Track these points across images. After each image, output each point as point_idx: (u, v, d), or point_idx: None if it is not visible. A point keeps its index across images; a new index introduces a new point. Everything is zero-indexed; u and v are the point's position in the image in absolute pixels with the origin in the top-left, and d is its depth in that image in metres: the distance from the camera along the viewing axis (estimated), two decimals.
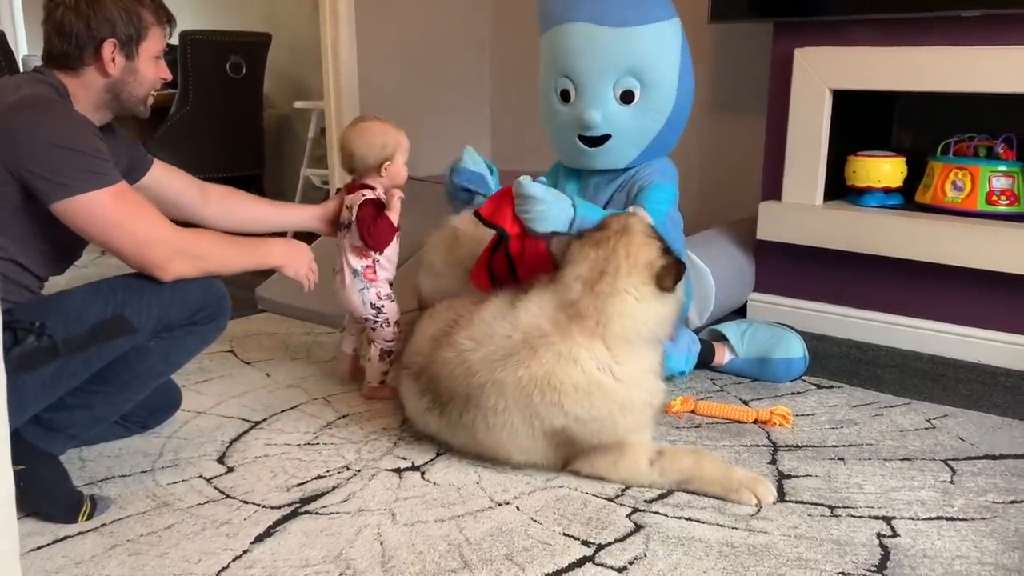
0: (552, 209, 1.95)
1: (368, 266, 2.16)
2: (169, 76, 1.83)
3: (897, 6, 2.44)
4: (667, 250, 1.75)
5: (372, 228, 2.10)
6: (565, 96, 2.27)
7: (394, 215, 2.13)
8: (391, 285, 2.23)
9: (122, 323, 1.62)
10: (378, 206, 2.13)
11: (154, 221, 1.66)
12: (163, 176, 2.00)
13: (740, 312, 2.88)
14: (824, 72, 2.59)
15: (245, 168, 4.56)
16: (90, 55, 1.68)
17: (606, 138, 2.24)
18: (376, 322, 2.18)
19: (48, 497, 1.64)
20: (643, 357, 1.73)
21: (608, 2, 2.17)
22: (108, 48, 1.68)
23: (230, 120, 4.40)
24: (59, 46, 1.67)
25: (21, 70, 4.52)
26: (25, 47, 5.45)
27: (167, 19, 1.79)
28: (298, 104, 4.09)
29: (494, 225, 2.02)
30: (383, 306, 2.18)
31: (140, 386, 1.74)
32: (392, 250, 2.19)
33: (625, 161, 2.27)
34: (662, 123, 2.24)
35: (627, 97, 2.20)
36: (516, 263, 2.03)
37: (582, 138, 2.25)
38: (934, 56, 2.40)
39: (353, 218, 2.13)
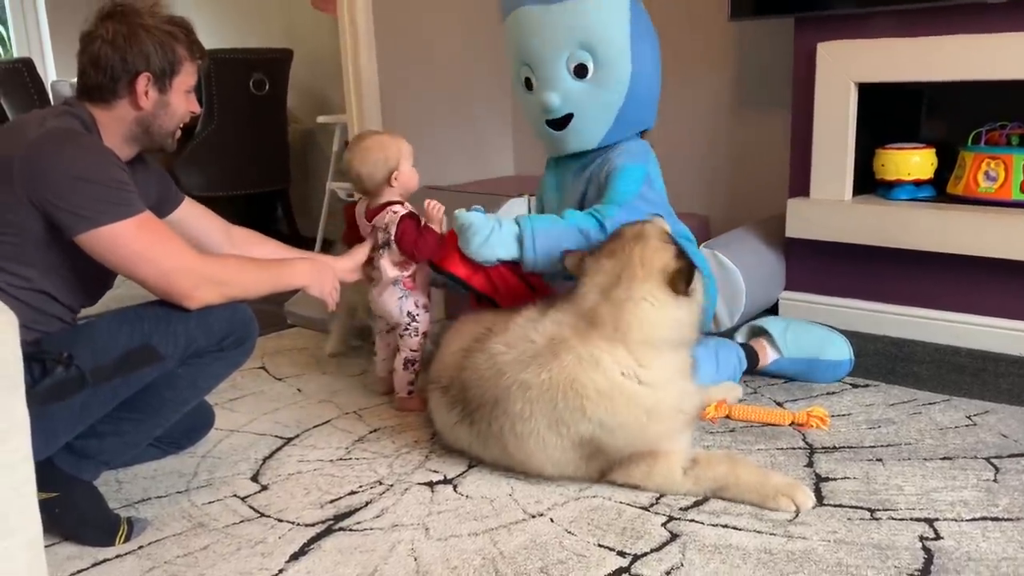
0: (493, 236, 1.98)
1: (408, 276, 2.19)
2: (199, 109, 1.84)
3: None
4: (681, 254, 1.74)
5: (419, 241, 2.12)
6: (528, 84, 2.26)
7: (436, 226, 2.15)
8: (428, 296, 2.26)
9: (150, 352, 1.63)
10: (415, 219, 2.15)
11: (178, 250, 1.67)
12: (192, 213, 2.01)
13: (771, 311, 2.84)
14: (848, 66, 2.56)
15: (271, 184, 4.60)
16: (124, 88, 1.70)
17: (569, 118, 2.20)
18: (407, 330, 2.20)
19: (84, 522, 1.65)
20: (669, 361, 1.72)
21: None
22: (142, 81, 1.70)
23: (255, 137, 4.45)
24: (94, 78, 1.69)
25: (50, 95, 4.60)
26: (54, 73, 5.54)
27: (200, 55, 1.81)
28: (321, 119, 4.11)
29: (446, 273, 2.06)
30: (418, 315, 2.21)
31: (170, 412, 1.75)
32: None
33: (595, 140, 2.22)
34: (623, 95, 2.18)
35: (580, 71, 2.16)
36: (494, 297, 2.04)
37: (548, 123, 2.23)
38: (960, 45, 2.35)
39: (392, 237, 2.14)
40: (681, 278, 1.69)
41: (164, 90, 1.73)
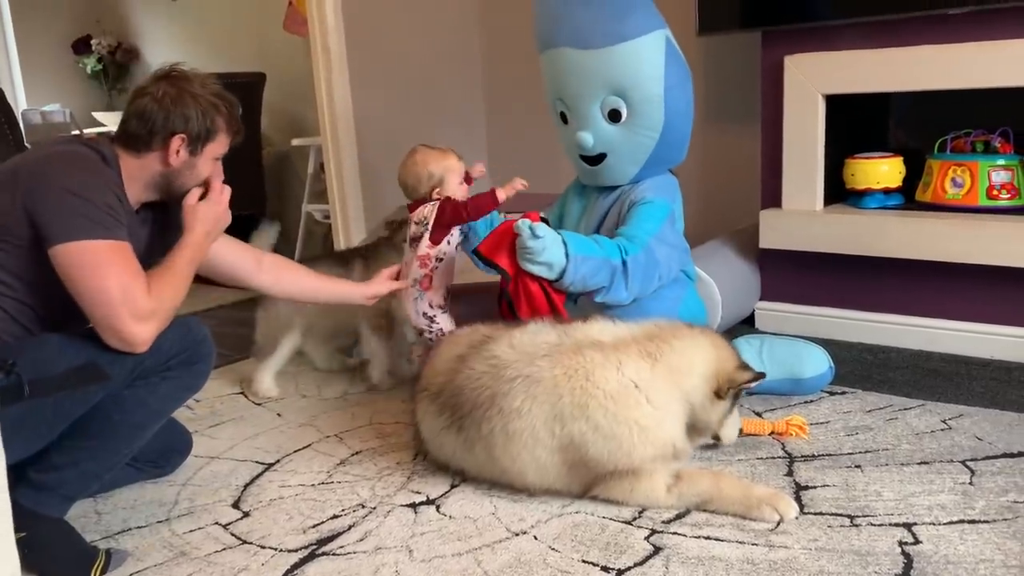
0: (549, 250, 1.96)
1: (426, 275, 2.22)
2: (222, 179, 1.87)
3: (884, 8, 2.45)
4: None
5: (469, 202, 2.19)
6: (564, 118, 2.33)
7: (503, 193, 2.19)
8: (446, 299, 2.27)
9: (94, 370, 1.61)
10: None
11: (139, 286, 1.62)
12: (218, 251, 1.98)
13: (748, 321, 2.87)
14: (815, 78, 2.60)
15: (246, 207, 4.57)
16: (159, 142, 1.75)
17: (603, 156, 2.27)
18: (431, 333, 2.24)
19: (55, 559, 1.63)
20: (677, 407, 1.74)
21: (586, 23, 2.19)
22: (176, 141, 1.75)
23: (228, 160, 4.42)
24: (134, 128, 1.75)
25: (21, 124, 4.56)
26: (24, 102, 5.50)
27: (237, 131, 1.87)
28: (296, 141, 4.11)
29: (494, 264, 2.07)
30: (435, 316, 2.24)
31: (125, 437, 1.71)
32: (451, 262, 2.26)
33: (627, 177, 2.31)
34: (655, 139, 2.25)
35: (614, 116, 2.23)
36: (515, 302, 2.06)
37: (582, 157, 2.30)
38: (924, 55, 2.40)
39: (430, 223, 2.21)
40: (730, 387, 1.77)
41: (195, 153, 1.79)
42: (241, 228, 5.08)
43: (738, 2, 2.77)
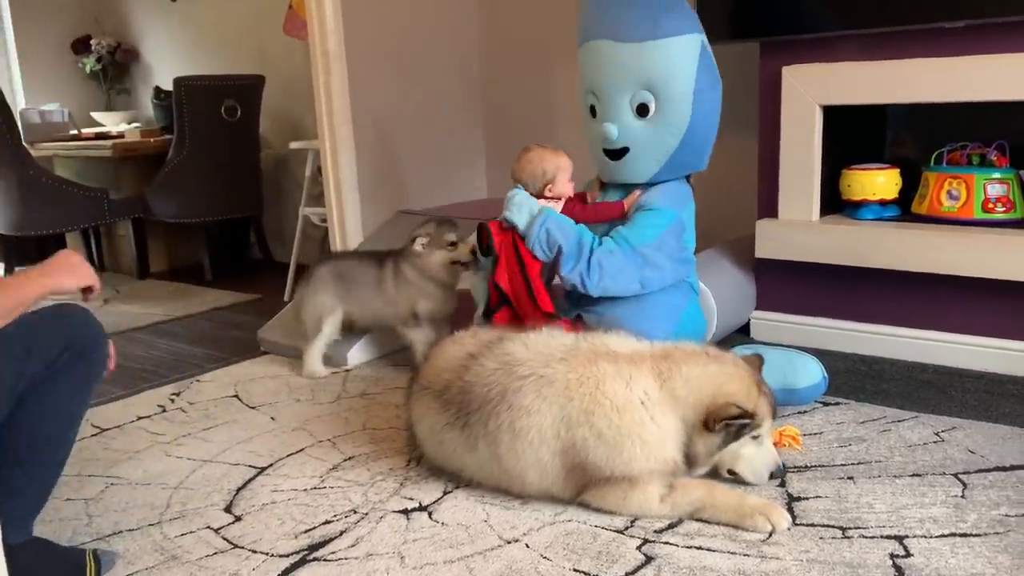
0: (524, 203, 2.24)
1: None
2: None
3: (882, 20, 2.46)
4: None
5: (599, 206, 2.38)
6: (593, 111, 2.38)
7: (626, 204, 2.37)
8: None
9: None
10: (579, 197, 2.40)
11: None
12: None
13: (743, 330, 2.88)
14: (813, 89, 2.61)
15: (244, 210, 4.59)
16: None
17: (625, 151, 2.32)
18: None
19: None
20: (678, 430, 1.74)
21: (625, 19, 2.27)
22: None
23: (227, 163, 4.44)
24: None
25: (19, 123, 4.56)
26: (23, 101, 5.50)
27: None
28: (294, 145, 4.11)
29: (485, 240, 2.28)
30: None
31: (50, 449, 1.61)
32: None
33: (646, 175, 2.34)
34: (679, 139, 2.29)
35: (642, 111, 2.29)
36: (510, 297, 2.18)
37: (605, 151, 2.35)
38: (921, 68, 2.41)
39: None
40: (720, 422, 1.74)
41: None
42: (239, 230, 5.10)
43: (736, 12, 2.78)
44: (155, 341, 3.36)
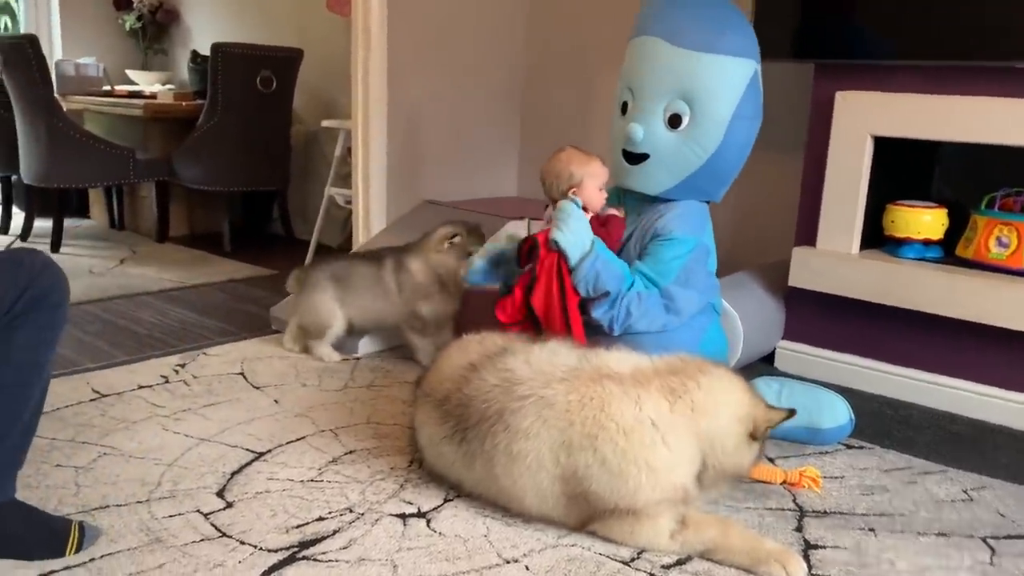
0: (577, 227, 2.07)
1: None
2: None
3: (946, 53, 2.36)
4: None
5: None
6: (624, 108, 2.26)
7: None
8: None
9: None
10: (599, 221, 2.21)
11: None
12: None
13: (767, 359, 2.78)
14: (866, 117, 2.51)
15: (269, 183, 4.53)
16: None
17: (644, 157, 2.19)
18: None
19: (25, 543, 1.54)
20: (693, 451, 1.65)
21: (687, 23, 2.16)
22: None
23: (257, 134, 4.38)
24: None
25: (53, 74, 4.52)
26: (60, 51, 5.46)
27: None
28: (326, 123, 4.04)
29: (529, 258, 2.13)
30: None
31: (15, 402, 1.53)
32: None
33: (659, 188, 2.21)
34: (703, 160, 2.17)
35: (674, 121, 2.16)
36: (534, 291, 2.09)
37: (625, 153, 2.23)
38: (983, 107, 2.30)
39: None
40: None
41: None
42: (263, 203, 5.04)
43: (794, 32, 2.68)
44: (166, 308, 3.30)
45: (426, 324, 2.62)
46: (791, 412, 1.73)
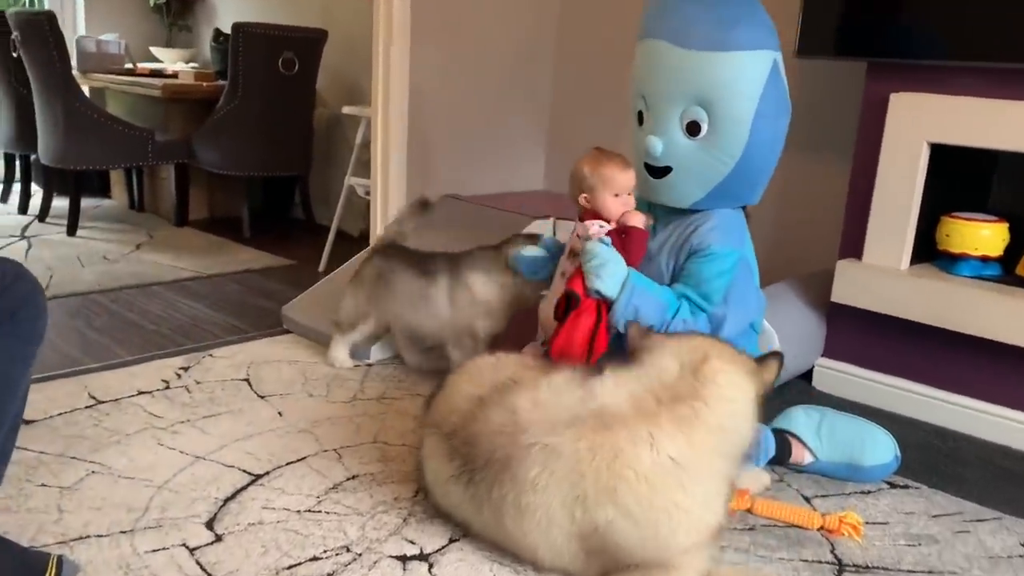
0: (612, 267, 1.88)
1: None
2: None
3: (1011, 55, 2.15)
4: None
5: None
6: (640, 118, 2.05)
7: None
8: None
9: None
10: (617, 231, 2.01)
11: None
12: None
13: (805, 377, 2.61)
14: (922, 121, 2.31)
15: (290, 168, 4.40)
16: None
17: (668, 170, 2.00)
18: None
19: None
20: (725, 472, 1.51)
21: (692, 22, 1.92)
22: None
23: (278, 117, 4.24)
24: None
25: (73, 50, 4.42)
26: (83, 28, 5.35)
27: None
28: (347, 110, 3.89)
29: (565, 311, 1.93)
30: None
31: None
32: None
33: (688, 201, 2.01)
34: (730, 166, 1.96)
35: (693, 129, 1.95)
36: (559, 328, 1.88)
37: (647, 166, 2.03)
38: None
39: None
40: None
41: None
42: (283, 188, 4.91)
43: (845, 27, 2.47)
44: (177, 300, 3.19)
45: (478, 343, 2.40)
46: (776, 354, 1.63)
